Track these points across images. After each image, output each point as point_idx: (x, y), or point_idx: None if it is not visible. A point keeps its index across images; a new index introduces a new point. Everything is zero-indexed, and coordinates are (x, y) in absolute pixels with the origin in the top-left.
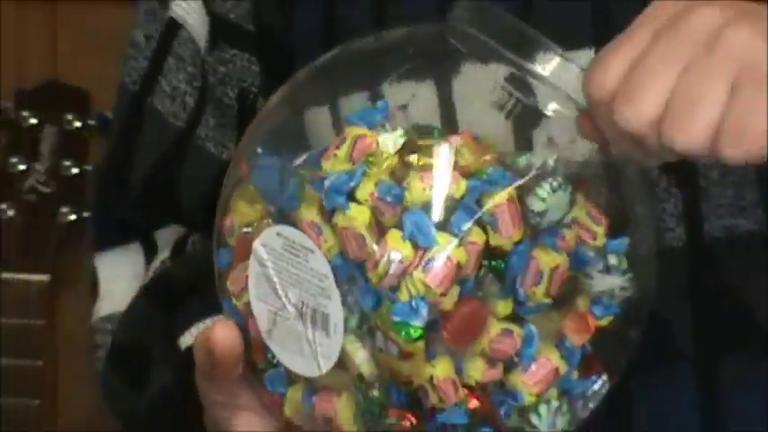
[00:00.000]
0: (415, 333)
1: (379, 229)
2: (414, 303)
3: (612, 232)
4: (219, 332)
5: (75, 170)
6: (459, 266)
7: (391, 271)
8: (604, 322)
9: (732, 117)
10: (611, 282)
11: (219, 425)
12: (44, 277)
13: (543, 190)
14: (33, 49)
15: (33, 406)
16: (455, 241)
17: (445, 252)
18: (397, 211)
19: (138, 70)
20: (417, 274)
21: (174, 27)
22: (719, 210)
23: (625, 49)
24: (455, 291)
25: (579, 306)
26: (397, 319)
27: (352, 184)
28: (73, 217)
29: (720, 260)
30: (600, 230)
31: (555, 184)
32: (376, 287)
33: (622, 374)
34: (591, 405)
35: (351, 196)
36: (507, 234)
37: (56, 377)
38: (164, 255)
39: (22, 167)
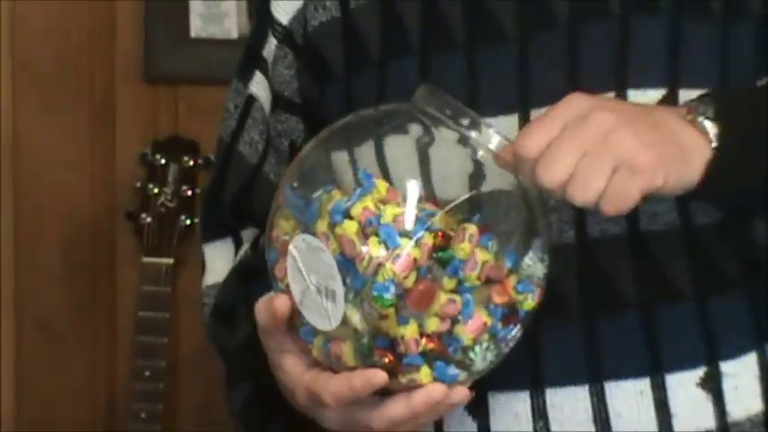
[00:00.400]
0: (387, 302)
1: (365, 236)
2: (386, 284)
3: (528, 238)
4: (278, 301)
5: (189, 192)
6: (415, 259)
7: (372, 264)
8: (525, 297)
9: (611, 189)
10: (535, 270)
11: (274, 362)
12: (169, 260)
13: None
14: (163, 115)
15: (163, 343)
16: (412, 243)
17: (405, 250)
18: (375, 226)
19: (229, 128)
20: (388, 265)
21: (251, 100)
22: (597, 219)
23: (544, 129)
24: (413, 275)
25: (510, 282)
26: (375, 293)
27: (348, 205)
28: (188, 222)
29: (597, 252)
30: (515, 240)
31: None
32: (363, 274)
33: (530, 325)
34: (510, 344)
35: (347, 215)
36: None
37: (177, 323)
38: (246, 247)
39: (156, 191)
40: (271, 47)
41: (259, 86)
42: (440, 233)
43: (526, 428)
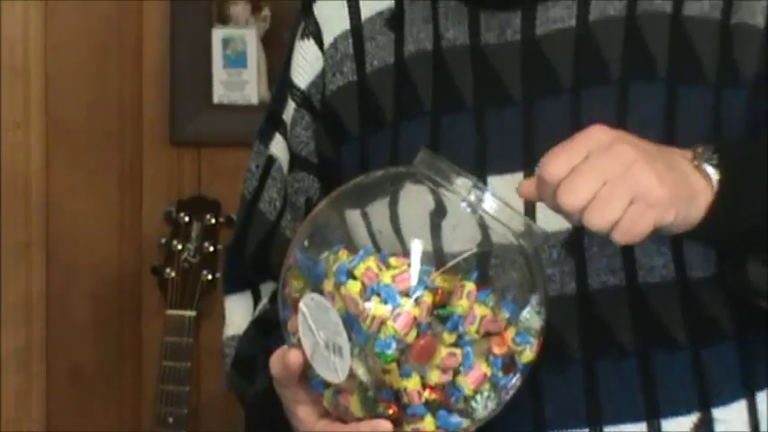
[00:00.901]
0: (389, 358)
1: (367, 295)
2: (387, 341)
3: (526, 292)
4: (291, 355)
5: (211, 249)
6: (415, 317)
7: (374, 322)
8: (524, 348)
9: (627, 218)
10: (532, 322)
11: (289, 410)
12: (192, 313)
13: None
14: (187, 176)
15: (185, 391)
16: (411, 301)
17: (406, 309)
18: (378, 285)
19: (251, 187)
20: (389, 323)
21: (271, 160)
22: (597, 271)
23: (568, 155)
24: (414, 331)
25: (509, 334)
26: (378, 350)
27: (351, 266)
28: (210, 277)
29: (597, 302)
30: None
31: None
32: (366, 331)
33: (530, 373)
34: (511, 392)
35: (350, 275)
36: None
37: (199, 372)
38: (264, 301)
39: (179, 247)
40: (290, 110)
41: (278, 147)
42: (438, 291)
43: None
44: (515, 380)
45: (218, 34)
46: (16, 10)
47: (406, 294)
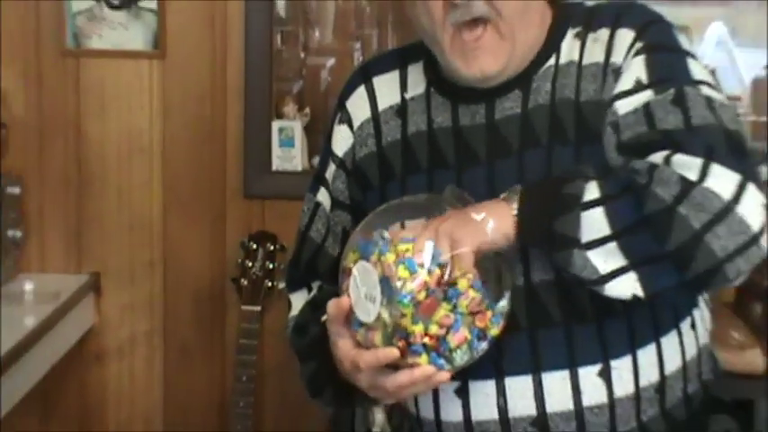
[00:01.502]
0: (405, 307)
1: (398, 263)
2: (405, 294)
3: (501, 286)
4: (343, 300)
5: (270, 266)
6: (425, 282)
7: (399, 282)
8: (495, 326)
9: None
10: (504, 309)
11: (333, 342)
12: (258, 308)
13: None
14: (255, 218)
15: (253, 360)
16: (425, 271)
17: (421, 276)
18: (405, 258)
19: (304, 221)
20: (409, 284)
21: (317, 205)
22: (538, 269)
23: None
24: (424, 293)
25: (488, 315)
26: (398, 299)
27: (390, 246)
28: (270, 284)
29: (537, 291)
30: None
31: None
32: (393, 286)
33: (494, 342)
34: (480, 354)
35: (390, 251)
36: (455, 274)
37: (263, 348)
38: (314, 291)
39: (250, 265)
40: (331, 170)
41: (323, 196)
42: (444, 268)
43: (492, 404)
44: (485, 345)
45: (276, 125)
46: (144, 112)
47: (422, 266)
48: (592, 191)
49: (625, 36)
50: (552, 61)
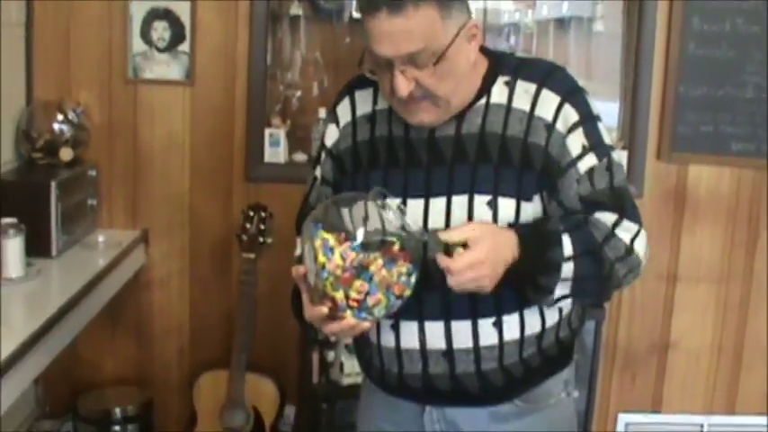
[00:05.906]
0: (325, 281)
1: (324, 250)
2: (323, 272)
3: (412, 263)
4: (301, 269)
5: (262, 227)
6: (338, 264)
7: (321, 262)
8: (408, 291)
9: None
10: (414, 281)
11: (302, 295)
12: (253, 255)
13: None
14: (252, 195)
15: (252, 290)
16: (338, 255)
17: (334, 258)
18: (325, 245)
19: (307, 189)
20: (327, 264)
21: (315, 178)
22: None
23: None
24: (341, 269)
25: (403, 286)
26: (318, 275)
27: (322, 234)
28: (261, 240)
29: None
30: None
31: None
32: (317, 265)
33: (407, 301)
34: (395, 309)
35: (320, 238)
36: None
37: (257, 286)
38: None
39: (248, 225)
40: (323, 156)
41: (318, 172)
42: (355, 254)
43: (415, 339)
44: (400, 303)
45: (267, 132)
46: (179, 122)
47: (333, 251)
48: (567, 248)
49: (552, 99)
50: (483, 101)
